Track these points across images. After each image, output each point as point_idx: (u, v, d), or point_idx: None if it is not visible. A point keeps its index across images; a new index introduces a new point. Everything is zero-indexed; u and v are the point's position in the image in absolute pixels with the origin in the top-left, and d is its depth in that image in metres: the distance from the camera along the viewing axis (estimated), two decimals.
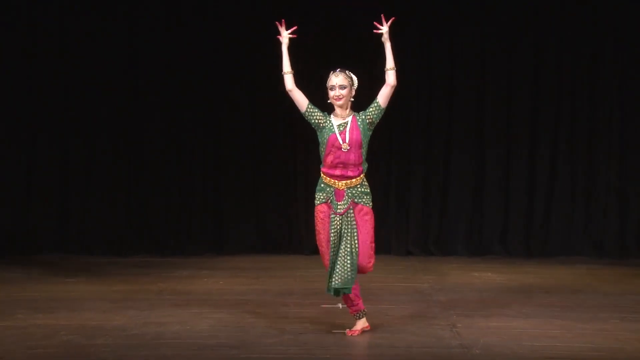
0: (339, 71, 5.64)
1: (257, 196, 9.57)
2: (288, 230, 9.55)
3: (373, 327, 5.73)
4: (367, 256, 5.58)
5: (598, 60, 9.31)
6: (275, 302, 6.59)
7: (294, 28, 5.67)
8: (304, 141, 9.08)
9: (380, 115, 5.65)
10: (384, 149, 9.49)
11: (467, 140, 9.46)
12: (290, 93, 5.65)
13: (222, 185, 9.57)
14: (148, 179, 9.48)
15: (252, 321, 5.92)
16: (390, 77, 5.64)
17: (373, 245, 5.65)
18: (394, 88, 5.66)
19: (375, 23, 5.63)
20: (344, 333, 5.62)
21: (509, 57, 9.37)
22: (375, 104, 5.64)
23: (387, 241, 9.51)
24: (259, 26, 9.32)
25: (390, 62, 5.65)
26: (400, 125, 9.49)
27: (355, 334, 5.62)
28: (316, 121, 5.59)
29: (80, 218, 9.44)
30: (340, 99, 5.57)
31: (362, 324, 5.69)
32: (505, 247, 9.41)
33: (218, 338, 5.48)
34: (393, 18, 5.67)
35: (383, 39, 5.65)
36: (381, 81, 5.69)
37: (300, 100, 5.61)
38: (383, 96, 5.65)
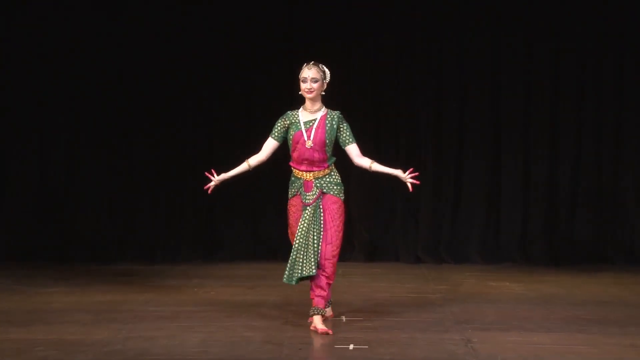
0: (312, 64, 6.09)
1: (252, 198, 9.55)
2: (286, 234, 9.50)
3: (379, 342, 5.69)
4: (330, 245, 6.06)
5: (624, 60, 9.31)
6: (272, 314, 6.56)
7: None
8: None
9: (340, 139, 6.16)
10: (390, 145, 9.48)
11: (482, 137, 9.46)
12: (268, 158, 6.26)
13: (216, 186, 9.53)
14: (133, 178, 9.48)
15: (247, 335, 5.89)
16: (364, 163, 6.21)
17: (340, 235, 6.13)
18: (352, 160, 6.24)
19: (412, 177, 6.23)
20: (348, 347, 5.59)
21: (527, 54, 9.39)
22: (347, 139, 6.15)
23: (394, 247, 9.50)
24: (255, 24, 9.36)
25: (377, 167, 6.23)
26: (408, 120, 9.48)
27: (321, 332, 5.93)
28: (285, 129, 6.15)
29: (59, 222, 9.43)
30: (312, 92, 6.05)
31: (327, 312, 6.17)
32: (525, 254, 9.39)
33: (209, 354, 5.45)
34: (413, 185, 6.24)
35: (397, 172, 6.26)
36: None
37: (271, 148, 6.21)
38: (350, 151, 6.20)
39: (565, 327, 6.18)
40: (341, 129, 6.15)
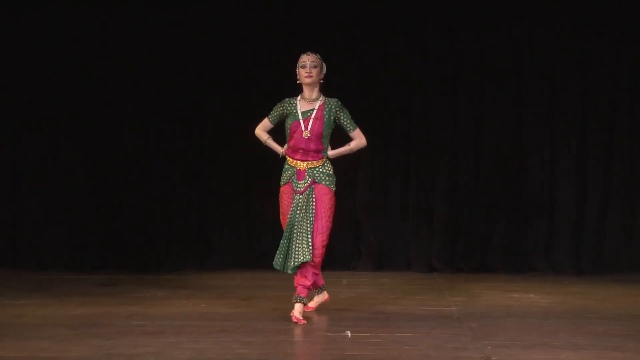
0: (310, 52, 6.89)
1: (248, 200, 9.55)
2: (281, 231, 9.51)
3: None
4: (321, 235, 6.78)
5: None
6: (270, 329, 6.56)
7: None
8: None
9: (342, 128, 6.94)
10: (400, 142, 9.48)
11: (502, 133, 9.45)
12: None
13: (207, 186, 9.56)
14: (116, 179, 9.50)
15: (241, 352, 5.88)
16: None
17: (330, 225, 6.86)
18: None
19: None
20: None
21: (553, 42, 9.40)
22: (349, 126, 6.91)
23: (405, 255, 9.51)
24: (250, 15, 9.38)
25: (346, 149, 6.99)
26: (420, 114, 9.48)
27: (311, 310, 6.99)
28: (281, 115, 6.94)
29: (34, 226, 9.44)
30: (311, 76, 6.82)
31: (322, 297, 7.15)
32: (551, 262, 9.38)
33: None
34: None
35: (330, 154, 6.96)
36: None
37: (268, 128, 7.04)
38: (354, 137, 6.96)
39: (597, 344, 6.16)
40: (341, 118, 6.90)
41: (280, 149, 6.97)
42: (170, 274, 9.14)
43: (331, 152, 6.92)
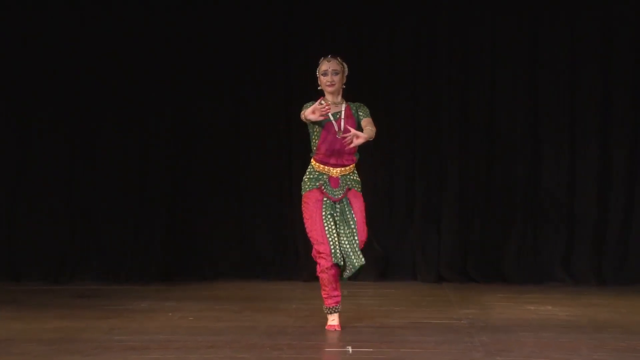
0: (331, 57, 7.05)
1: (240, 204, 9.55)
2: (281, 249, 9.51)
3: None
4: (363, 232, 7.05)
5: None
6: (263, 345, 6.55)
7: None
8: (302, 135, 9.08)
9: (359, 116, 7.11)
10: (406, 142, 9.48)
11: (517, 134, 9.46)
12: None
13: (196, 189, 9.55)
14: (97, 180, 9.49)
15: None
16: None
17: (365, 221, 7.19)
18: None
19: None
20: None
21: (571, 28, 9.40)
22: (363, 115, 7.04)
23: (411, 263, 9.51)
24: (250, 15, 9.44)
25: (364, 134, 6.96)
26: (427, 115, 9.48)
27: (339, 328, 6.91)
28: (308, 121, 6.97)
29: (6, 233, 9.43)
30: (334, 84, 7.00)
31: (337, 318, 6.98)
32: (570, 271, 9.38)
33: None
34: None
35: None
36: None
37: None
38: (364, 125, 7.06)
39: None
40: (360, 113, 7.03)
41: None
42: (154, 284, 9.12)
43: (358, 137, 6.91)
